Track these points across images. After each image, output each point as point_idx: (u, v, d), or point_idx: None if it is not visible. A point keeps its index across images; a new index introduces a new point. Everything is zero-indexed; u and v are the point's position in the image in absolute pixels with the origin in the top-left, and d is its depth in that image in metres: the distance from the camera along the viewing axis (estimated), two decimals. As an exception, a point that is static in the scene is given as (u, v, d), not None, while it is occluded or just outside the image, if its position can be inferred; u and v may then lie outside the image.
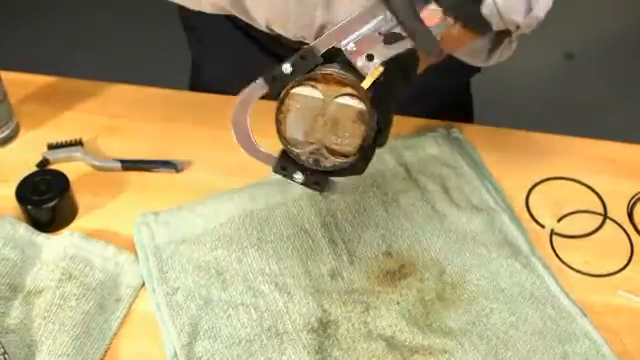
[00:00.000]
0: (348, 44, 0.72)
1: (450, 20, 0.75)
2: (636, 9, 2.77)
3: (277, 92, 0.72)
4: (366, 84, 0.71)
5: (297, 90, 0.72)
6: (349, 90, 0.70)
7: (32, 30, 2.60)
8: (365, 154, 0.73)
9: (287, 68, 0.71)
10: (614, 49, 2.58)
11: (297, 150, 0.73)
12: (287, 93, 0.72)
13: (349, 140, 0.71)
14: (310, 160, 0.73)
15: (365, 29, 0.71)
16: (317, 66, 0.72)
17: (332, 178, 0.75)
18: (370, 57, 0.71)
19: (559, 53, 2.56)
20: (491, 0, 0.87)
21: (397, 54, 0.74)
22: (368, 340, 0.83)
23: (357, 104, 0.71)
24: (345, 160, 0.72)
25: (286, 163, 0.74)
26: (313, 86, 0.71)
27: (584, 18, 2.40)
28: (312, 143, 0.72)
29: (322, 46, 0.72)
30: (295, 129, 0.72)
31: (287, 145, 0.73)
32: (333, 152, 0.72)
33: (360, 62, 0.72)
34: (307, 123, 0.72)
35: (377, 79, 0.71)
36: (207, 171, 1.01)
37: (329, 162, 0.73)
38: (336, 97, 0.71)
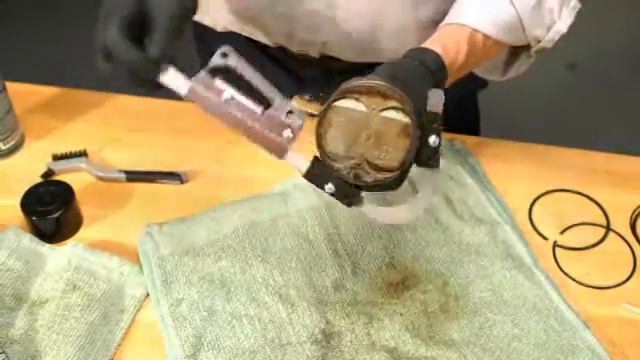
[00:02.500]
0: None
1: None
2: (638, 20, 2.77)
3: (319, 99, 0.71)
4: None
5: (340, 103, 0.70)
6: (394, 103, 0.69)
7: (37, 41, 2.60)
8: (406, 170, 0.72)
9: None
10: (616, 60, 2.58)
11: (337, 165, 0.71)
12: (330, 106, 0.70)
13: (392, 154, 0.69)
14: (351, 175, 0.71)
15: None
16: (357, 78, 0.71)
17: (362, 195, 0.73)
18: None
19: (561, 64, 2.56)
20: (515, 14, 0.87)
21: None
22: (371, 352, 0.83)
23: (402, 117, 0.69)
24: (388, 175, 0.70)
25: (317, 172, 0.72)
26: (357, 99, 0.69)
27: (586, 29, 2.40)
28: (353, 158, 0.70)
29: None
30: (337, 143, 0.70)
31: (327, 160, 0.71)
32: (375, 167, 0.70)
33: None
34: (349, 137, 0.70)
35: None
36: (211, 182, 1.01)
37: (370, 177, 0.71)
38: (381, 110, 0.69)
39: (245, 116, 0.72)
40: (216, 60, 0.71)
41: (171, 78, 0.72)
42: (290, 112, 0.72)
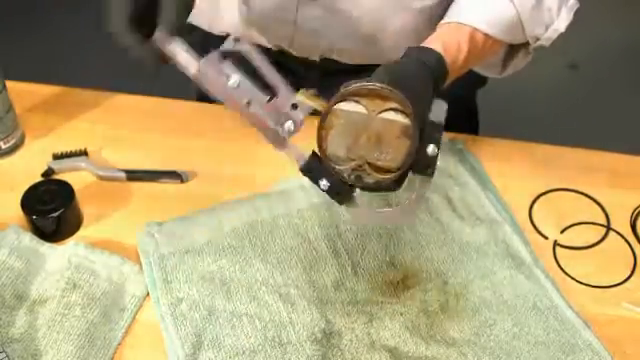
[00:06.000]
0: None
1: None
2: (639, 20, 2.77)
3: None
4: None
5: (341, 106, 0.70)
6: (394, 105, 0.69)
7: (37, 40, 2.60)
8: (407, 171, 0.72)
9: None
10: (618, 59, 2.58)
11: (339, 167, 0.71)
12: (330, 109, 0.70)
13: (392, 156, 0.70)
14: (352, 176, 0.71)
15: None
16: (357, 81, 0.71)
17: (354, 194, 0.74)
18: None
19: (563, 64, 2.56)
20: (515, 13, 0.87)
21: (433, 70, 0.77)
22: (371, 351, 0.83)
23: (402, 119, 0.69)
24: (388, 176, 0.71)
25: (314, 166, 0.73)
26: (357, 101, 0.70)
27: (588, 29, 2.40)
28: (354, 159, 0.71)
29: None
30: (337, 145, 0.70)
31: (329, 162, 0.71)
32: (376, 168, 0.70)
33: None
34: (350, 139, 0.70)
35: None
36: (212, 182, 1.01)
37: (371, 178, 0.71)
38: (380, 112, 0.69)
39: (249, 102, 0.73)
40: (227, 44, 0.73)
41: (180, 54, 0.73)
42: (295, 105, 0.74)
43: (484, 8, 0.87)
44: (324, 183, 0.72)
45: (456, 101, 1.03)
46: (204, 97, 1.24)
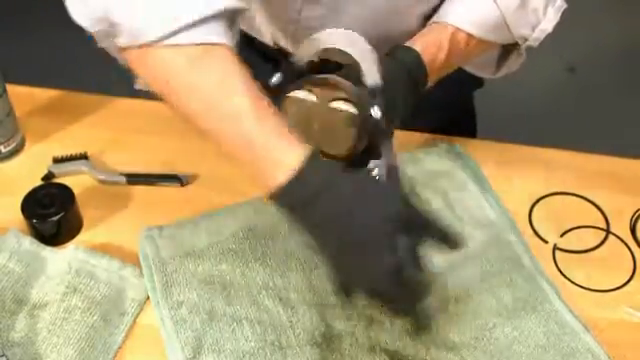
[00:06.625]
0: None
1: None
2: (637, 23, 2.77)
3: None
4: None
5: (294, 94, 0.72)
6: (344, 94, 0.71)
7: (38, 44, 2.60)
8: (358, 159, 0.74)
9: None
10: (616, 62, 2.58)
11: None
12: (285, 97, 0.72)
13: (341, 143, 0.72)
14: None
15: None
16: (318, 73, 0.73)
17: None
18: None
19: (561, 67, 2.56)
20: (499, 14, 0.88)
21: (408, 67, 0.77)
22: (372, 354, 0.83)
23: (349, 108, 0.71)
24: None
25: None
26: (309, 90, 0.72)
27: (585, 32, 2.41)
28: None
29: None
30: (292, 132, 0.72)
31: None
32: (328, 156, 0.72)
33: None
34: (302, 126, 0.72)
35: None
36: (212, 185, 1.01)
37: None
38: (330, 101, 0.71)
39: None
40: None
41: None
42: None
43: (469, 8, 0.89)
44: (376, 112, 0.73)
45: (454, 103, 1.04)
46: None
